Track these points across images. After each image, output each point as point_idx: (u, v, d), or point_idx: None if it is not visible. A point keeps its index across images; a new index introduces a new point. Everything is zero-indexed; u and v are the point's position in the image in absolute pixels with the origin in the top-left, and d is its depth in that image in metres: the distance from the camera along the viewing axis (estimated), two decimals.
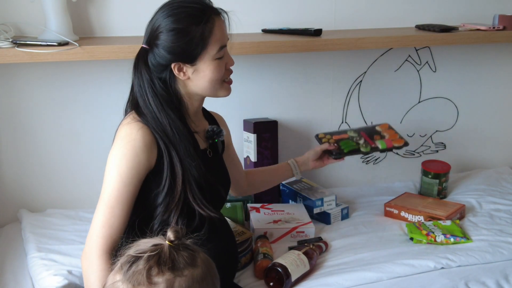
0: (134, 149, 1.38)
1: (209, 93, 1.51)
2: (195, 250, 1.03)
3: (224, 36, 1.48)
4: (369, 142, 2.01)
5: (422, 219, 2.09)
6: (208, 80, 1.47)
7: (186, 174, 1.42)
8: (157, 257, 0.97)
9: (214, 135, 1.58)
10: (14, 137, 2.07)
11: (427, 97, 2.50)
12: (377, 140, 2.03)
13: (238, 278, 1.74)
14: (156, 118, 1.43)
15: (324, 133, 2.08)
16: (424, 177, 2.35)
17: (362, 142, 2.01)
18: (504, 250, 1.88)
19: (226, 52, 1.50)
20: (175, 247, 0.99)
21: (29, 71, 2.01)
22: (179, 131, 1.43)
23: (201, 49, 1.43)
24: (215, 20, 1.44)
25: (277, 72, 2.28)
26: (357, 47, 2.12)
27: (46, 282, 1.66)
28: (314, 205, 2.11)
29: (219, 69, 1.47)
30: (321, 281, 1.70)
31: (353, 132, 2.07)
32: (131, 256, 0.98)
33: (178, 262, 0.98)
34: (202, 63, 1.45)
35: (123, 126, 1.43)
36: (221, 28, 1.46)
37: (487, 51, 2.50)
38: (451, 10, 2.40)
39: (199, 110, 1.59)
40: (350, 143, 2.00)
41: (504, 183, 2.46)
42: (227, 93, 1.55)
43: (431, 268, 1.78)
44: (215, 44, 1.44)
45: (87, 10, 2.02)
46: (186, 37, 1.41)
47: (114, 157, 1.40)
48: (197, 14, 1.42)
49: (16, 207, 2.12)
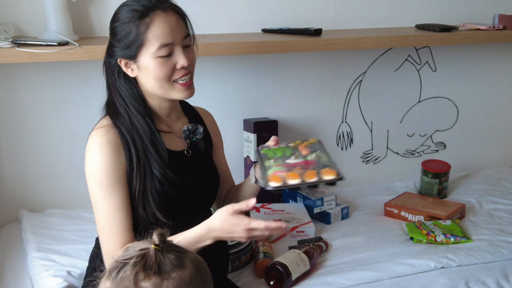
0: (105, 156, 1.38)
1: (159, 92, 1.44)
2: (182, 251, 1.02)
3: (167, 34, 1.38)
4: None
5: (422, 218, 2.09)
6: (152, 79, 1.41)
7: (143, 177, 1.40)
8: (143, 262, 0.96)
9: (191, 134, 1.52)
10: (14, 137, 2.07)
11: (427, 97, 2.50)
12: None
13: (238, 276, 1.75)
14: (120, 118, 1.44)
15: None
16: (424, 176, 2.35)
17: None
18: (504, 249, 1.88)
19: (176, 51, 1.41)
20: (161, 250, 0.98)
21: (29, 71, 2.01)
22: (141, 132, 1.42)
23: (138, 44, 1.38)
24: (157, 16, 1.38)
25: (277, 72, 2.28)
26: (357, 46, 2.12)
27: (45, 282, 1.66)
28: (314, 205, 2.10)
29: (160, 67, 1.39)
30: (321, 280, 1.70)
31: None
32: (119, 262, 0.98)
33: (165, 265, 0.97)
34: (143, 60, 1.40)
35: (90, 135, 1.43)
36: (164, 25, 1.38)
37: (487, 51, 2.50)
38: (451, 10, 2.40)
39: (174, 110, 1.54)
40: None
41: (504, 183, 2.47)
42: (182, 95, 1.45)
43: (431, 268, 1.78)
44: (154, 41, 1.37)
45: (87, 10, 2.02)
46: (123, 31, 1.40)
47: (90, 169, 1.40)
48: (137, 9, 1.38)
49: (16, 207, 2.11)
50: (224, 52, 1.97)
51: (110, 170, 1.38)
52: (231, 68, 2.23)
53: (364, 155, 2.50)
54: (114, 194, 1.39)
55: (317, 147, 1.51)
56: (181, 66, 1.41)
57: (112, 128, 1.42)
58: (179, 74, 1.42)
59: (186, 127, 1.52)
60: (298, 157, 1.46)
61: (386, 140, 2.51)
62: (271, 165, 1.44)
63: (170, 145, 1.49)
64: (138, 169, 1.40)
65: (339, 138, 2.44)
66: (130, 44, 1.39)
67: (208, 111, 1.70)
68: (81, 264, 1.73)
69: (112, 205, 1.39)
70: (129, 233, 1.41)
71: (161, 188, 1.42)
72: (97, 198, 1.41)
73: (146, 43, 1.38)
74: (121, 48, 1.41)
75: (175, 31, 1.39)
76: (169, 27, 1.39)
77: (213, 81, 2.20)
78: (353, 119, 2.43)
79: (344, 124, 2.43)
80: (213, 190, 1.60)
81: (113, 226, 1.39)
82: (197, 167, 1.54)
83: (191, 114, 1.62)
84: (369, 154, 2.51)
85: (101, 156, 1.39)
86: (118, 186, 1.39)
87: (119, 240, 1.39)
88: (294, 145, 1.52)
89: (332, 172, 1.38)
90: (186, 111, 1.61)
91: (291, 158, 1.47)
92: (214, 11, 2.13)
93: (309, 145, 1.52)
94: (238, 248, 1.77)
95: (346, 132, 2.44)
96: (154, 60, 1.39)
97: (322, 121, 2.39)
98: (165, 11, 1.39)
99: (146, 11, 1.37)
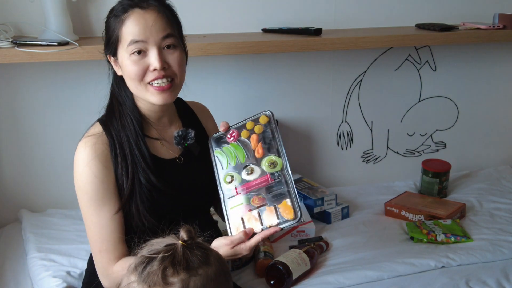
0: (94, 170, 1.37)
1: (138, 94, 1.40)
2: (207, 248, 1.03)
3: (140, 31, 1.33)
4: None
5: (423, 218, 2.09)
6: (129, 78, 1.38)
7: (131, 184, 1.38)
8: (172, 258, 0.97)
9: (182, 140, 1.46)
10: (14, 137, 2.07)
11: (427, 96, 2.50)
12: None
13: (239, 275, 1.75)
14: (113, 120, 1.42)
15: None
16: (425, 176, 2.35)
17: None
18: (504, 249, 1.88)
19: (150, 51, 1.35)
20: (189, 246, 0.99)
21: (29, 71, 2.02)
22: (129, 136, 1.40)
23: (115, 40, 1.37)
24: (134, 13, 1.34)
25: (277, 71, 2.28)
26: (357, 46, 2.12)
27: (44, 283, 1.66)
28: (315, 205, 2.11)
29: (132, 66, 1.35)
30: (322, 279, 1.70)
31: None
32: (145, 257, 0.99)
33: (192, 262, 0.98)
34: (120, 57, 1.38)
35: (79, 144, 1.41)
36: (137, 22, 1.33)
37: (487, 50, 2.50)
38: (451, 9, 2.40)
39: (166, 115, 1.49)
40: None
41: (505, 182, 2.47)
42: (155, 99, 1.38)
43: (432, 267, 1.78)
44: (126, 37, 1.34)
45: (87, 10, 2.02)
46: (108, 27, 1.39)
47: (78, 183, 1.39)
48: (124, 6, 1.36)
49: (16, 207, 2.12)
50: (224, 52, 1.97)
51: (99, 184, 1.37)
52: (231, 68, 2.23)
53: (365, 155, 2.50)
54: (104, 208, 1.38)
55: (268, 134, 1.44)
56: (153, 68, 1.35)
57: (102, 136, 1.40)
58: (151, 76, 1.36)
59: (176, 133, 1.47)
60: (253, 171, 1.40)
61: (386, 140, 2.51)
62: (231, 187, 1.40)
63: (160, 153, 1.46)
64: (126, 176, 1.38)
65: (339, 138, 2.44)
66: (110, 39, 1.39)
67: (202, 104, 1.67)
68: (81, 264, 1.73)
69: (102, 219, 1.38)
70: (122, 245, 1.40)
71: (150, 194, 1.40)
72: (87, 213, 1.40)
73: (121, 39, 1.36)
74: (105, 43, 1.41)
75: (149, 28, 1.34)
76: (143, 24, 1.33)
77: (213, 81, 2.20)
78: (353, 119, 2.44)
79: (344, 124, 2.43)
80: (207, 195, 1.55)
81: (104, 241, 1.39)
82: (190, 174, 1.48)
83: (185, 114, 1.57)
84: (370, 154, 2.51)
85: (89, 170, 1.37)
86: (107, 199, 1.38)
87: (111, 254, 1.39)
88: (245, 134, 1.46)
89: (289, 209, 1.32)
90: (181, 113, 1.56)
91: (246, 170, 1.41)
92: (214, 11, 2.13)
93: (260, 131, 1.45)
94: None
95: (346, 132, 2.44)
96: (128, 58, 1.35)
97: (322, 121, 2.39)
98: (144, 9, 1.35)
99: (127, 8, 1.35)
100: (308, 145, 2.40)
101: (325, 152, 2.44)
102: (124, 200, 1.39)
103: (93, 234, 1.40)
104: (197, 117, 1.61)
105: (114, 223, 1.39)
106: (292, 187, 1.35)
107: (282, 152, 1.40)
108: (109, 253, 1.39)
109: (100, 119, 1.46)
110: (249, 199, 1.37)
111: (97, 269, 1.42)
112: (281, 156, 1.40)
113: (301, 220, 1.30)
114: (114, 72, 1.45)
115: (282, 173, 1.37)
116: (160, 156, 1.46)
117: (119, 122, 1.42)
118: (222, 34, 2.14)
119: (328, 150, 2.44)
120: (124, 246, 1.40)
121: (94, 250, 1.41)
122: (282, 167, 1.39)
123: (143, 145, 1.41)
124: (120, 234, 1.40)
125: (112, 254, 1.39)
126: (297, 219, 1.31)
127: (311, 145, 2.40)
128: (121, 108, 1.44)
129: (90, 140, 1.39)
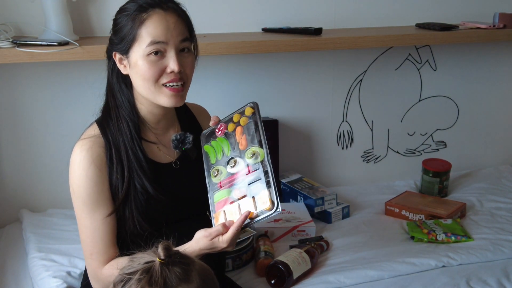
0: (88, 174, 1.37)
1: (146, 94, 1.38)
2: (189, 263, 1.00)
3: (161, 32, 1.33)
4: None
5: (423, 217, 2.09)
6: (141, 78, 1.36)
7: (127, 187, 1.38)
8: (149, 277, 0.95)
9: (179, 144, 1.45)
10: (14, 137, 2.07)
11: (427, 96, 2.50)
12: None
13: (239, 275, 1.75)
14: (109, 121, 1.42)
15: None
16: (425, 175, 2.35)
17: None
18: (505, 248, 1.88)
19: (168, 52, 1.34)
20: (166, 263, 0.96)
21: (29, 71, 2.01)
22: (125, 138, 1.39)
23: (131, 39, 1.34)
24: (155, 13, 1.34)
25: (277, 71, 2.28)
26: (357, 46, 2.11)
27: (45, 283, 1.66)
28: (315, 204, 2.11)
29: (149, 67, 1.33)
30: (322, 278, 1.70)
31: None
32: (124, 275, 0.97)
33: (171, 280, 0.95)
34: (133, 56, 1.35)
35: (75, 146, 1.40)
36: (159, 23, 1.33)
37: (488, 50, 2.50)
38: (451, 9, 2.40)
39: (165, 118, 1.47)
40: None
41: (505, 182, 2.47)
42: (169, 101, 1.37)
43: (432, 267, 1.78)
44: (146, 37, 1.33)
45: (87, 10, 2.02)
46: (120, 23, 1.37)
47: (73, 186, 1.39)
48: (141, 4, 1.35)
49: (17, 207, 2.12)
50: (224, 51, 1.97)
51: (93, 188, 1.37)
52: (231, 68, 2.23)
53: (365, 154, 2.50)
54: (97, 211, 1.38)
55: (251, 126, 1.40)
56: (171, 70, 1.34)
57: (98, 138, 1.40)
58: (167, 78, 1.36)
59: (174, 136, 1.45)
60: (235, 163, 1.38)
61: (387, 139, 2.51)
62: (216, 182, 1.38)
63: (156, 157, 1.45)
64: (122, 181, 1.38)
65: (340, 137, 2.44)
66: (124, 37, 1.36)
67: (203, 107, 1.66)
68: (81, 264, 1.73)
69: (94, 222, 1.38)
70: (113, 248, 1.40)
71: (144, 199, 1.39)
72: (80, 216, 1.40)
73: (138, 38, 1.34)
74: (116, 41, 1.39)
75: (171, 30, 1.34)
76: (165, 25, 1.33)
77: (213, 81, 2.20)
78: (354, 118, 2.43)
79: (344, 123, 2.43)
80: (203, 199, 1.49)
81: (96, 244, 1.39)
82: (186, 179, 1.47)
83: (185, 117, 1.56)
84: (370, 153, 2.51)
85: (84, 174, 1.37)
86: (101, 203, 1.38)
87: (101, 257, 1.39)
88: (232, 127, 1.43)
89: (267, 199, 1.29)
90: (181, 115, 1.55)
91: (230, 163, 1.39)
92: (214, 10, 2.13)
93: (244, 123, 1.42)
94: (239, 247, 1.77)
95: (346, 131, 2.44)
96: (144, 58, 1.34)
97: (322, 120, 2.39)
98: (165, 11, 1.35)
99: (146, 7, 1.34)
100: (308, 145, 2.40)
101: (325, 151, 2.44)
102: (118, 204, 1.38)
103: (85, 237, 1.40)
104: (197, 120, 1.60)
105: (106, 226, 1.39)
106: (271, 178, 1.31)
107: (264, 142, 1.36)
108: (99, 256, 1.39)
109: (98, 120, 1.45)
110: (231, 192, 1.36)
111: (88, 272, 1.43)
112: (263, 147, 1.37)
113: (278, 210, 1.27)
114: (112, 72, 1.44)
115: (262, 164, 1.34)
116: (157, 160, 1.45)
117: (115, 125, 1.41)
118: (222, 34, 2.14)
119: (329, 149, 2.44)
120: (115, 249, 1.40)
121: (86, 253, 1.41)
122: (263, 158, 1.35)
123: (139, 150, 1.40)
124: (112, 237, 1.40)
125: (102, 257, 1.39)
126: (274, 210, 1.27)
127: (311, 144, 2.40)
128: (117, 111, 1.42)
129: (86, 143, 1.39)
